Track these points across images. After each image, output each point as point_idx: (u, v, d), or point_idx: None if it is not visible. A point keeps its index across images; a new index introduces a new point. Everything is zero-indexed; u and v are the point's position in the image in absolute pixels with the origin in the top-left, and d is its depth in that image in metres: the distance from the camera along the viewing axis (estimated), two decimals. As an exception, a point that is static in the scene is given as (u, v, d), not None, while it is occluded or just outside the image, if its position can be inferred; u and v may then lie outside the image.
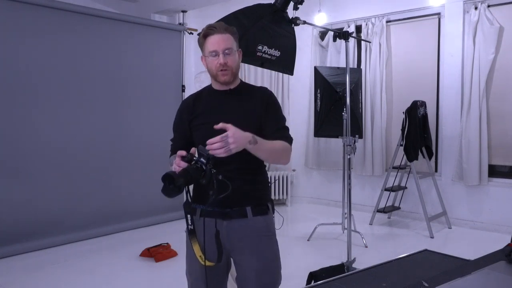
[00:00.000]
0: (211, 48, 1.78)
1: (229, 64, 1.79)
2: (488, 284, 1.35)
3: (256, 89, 1.95)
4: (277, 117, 1.89)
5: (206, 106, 1.88)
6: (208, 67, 1.84)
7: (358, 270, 1.53)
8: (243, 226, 1.82)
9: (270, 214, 1.93)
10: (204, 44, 1.81)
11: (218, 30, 1.78)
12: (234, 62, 1.82)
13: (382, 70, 5.53)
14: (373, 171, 5.61)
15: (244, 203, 1.82)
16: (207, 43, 1.80)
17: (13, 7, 4.21)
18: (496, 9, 4.76)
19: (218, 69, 1.79)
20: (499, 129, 4.84)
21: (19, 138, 4.29)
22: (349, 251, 3.48)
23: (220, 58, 1.77)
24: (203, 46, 1.82)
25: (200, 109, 1.89)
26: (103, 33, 4.90)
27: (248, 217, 1.83)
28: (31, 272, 3.78)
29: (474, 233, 4.83)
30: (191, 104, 1.92)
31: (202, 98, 1.93)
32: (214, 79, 1.85)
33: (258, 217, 1.85)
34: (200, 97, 1.94)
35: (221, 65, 1.78)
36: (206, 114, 1.86)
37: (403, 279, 1.39)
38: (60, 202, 4.54)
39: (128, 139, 5.14)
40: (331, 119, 4.47)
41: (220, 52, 1.77)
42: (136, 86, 5.21)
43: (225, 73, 1.80)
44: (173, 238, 4.54)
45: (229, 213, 1.80)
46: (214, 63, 1.79)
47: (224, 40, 1.78)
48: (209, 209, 1.80)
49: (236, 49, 1.84)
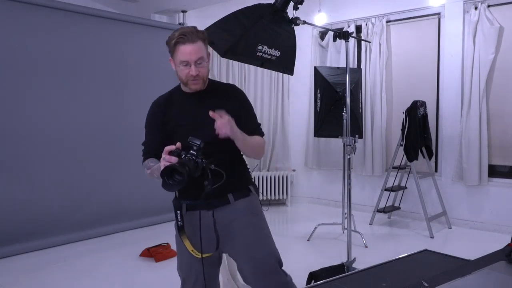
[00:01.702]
0: (182, 58, 1.77)
1: (201, 74, 1.81)
2: (488, 284, 1.35)
3: (227, 87, 2.01)
4: (252, 115, 1.99)
5: (180, 109, 1.89)
6: (178, 74, 1.84)
7: (358, 270, 1.53)
8: (227, 212, 1.87)
9: (253, 195, 1.98)
10: (175, 51, 1.79)
11: (189, 39, 1.76)
12: (206, 71, 1.85)
13: (382, 70, 5.53)
14: (373, 171, 5.61)
15: (225, 190, 1.86)
16: (178, 51, 1.78)
17: (13, 7, 4.21)
18: (496, 9, 4.76)
19: (189, 78, 1.80)
20: (499, 129, 4.84)
21: (19, 138, 4.29)
22: (349, 251, 3.48)
23: (192, 70, 1.78)
24: (173, 53, 1.80)
25: (173, 112, 1.89)
26: (103, 33, 4.90)
27: (231, 203, 1.89)
28: (31, 272, 3.78)
29: (474, 233, 4.83)
30: (163, 107, 1.91)
31: (174, 100, 1.92)
32: (184, 85, 1.87)
33: (240, 200, 1.91)
34: (171, 99, 1.93)
35: (193, 76, 1.79)
36: (181, 116, 1.87)
37: (403, 279, 1.39)
38: (60, 202, 4.54)
39: (128, 139, 5.13)
40: (331, 119, 4.47)
41: (192, 63, 1.78)
42: (136, 86, 5.20)
43: (196, 83, 1.82)
44: (173, 238, 4.51)
45: (212, 202, 1.81)
46: (185, 72, 1.80)
47: (195, 50, 1.77)
48: (193, 202, 1.84)
49: (207, 55, 1.85)
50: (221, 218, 1.85)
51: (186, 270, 1.98)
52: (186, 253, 1.89)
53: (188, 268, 1.96)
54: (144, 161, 1.90)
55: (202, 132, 1.69)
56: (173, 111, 1.89)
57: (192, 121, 1.84)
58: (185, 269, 1.99)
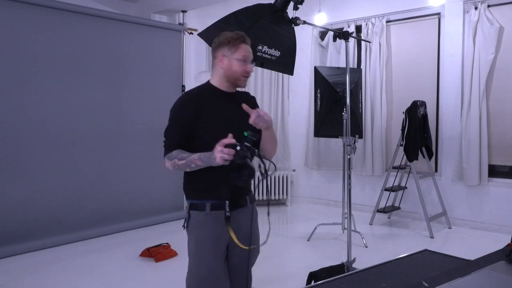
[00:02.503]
0: (244, 53, 1.94)
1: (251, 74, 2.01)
2: (488, 284, 1.35)
3: (244, 94, 2.15)
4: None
5: (213, 105, 1.95)
6: (232, 69, 1.95)
7: (358, 270, 1.53)
8: (244, 213, 1.99)
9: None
10: (238, 48, 1.93)
11: (247, 41, 1.97)
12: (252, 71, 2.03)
13: (382, 70, 5.53)
14: (373, 171, 5.61)
15: (244, 193, 2.00)
16: (241, 48, 1.94)
17: (13, 7, 4.21)
18: (496, 9, 4.77)
19: (243, 74, 1.96)
20: (499, 129, 4.84)
21: (19, 139, 4.29)
22: (349, 251, 3.48)
23: (250, 67, 1.96)
24: (235, 50, 1.93)
25: (206, 107, 1.93)
26: (103, 33, 4.90)
27: (247, 206, 2.02)
28: (31, 272, 3.78)
29: (474, 233, 4.83)
30: (197, 101, 1.94)
31: (206, 96, 1.97)
32: (232, 81, 1.97)
33: (254, 204, 2.07)
34: (203, 94, 1.97)
35: (248, 73, 1.96)
36: (214, 112, 1.93)
37: (403, 279, 1.39)
38: (60, 202, 4.54)
39: (128, 140, 5.14)
40: (331, 119, 4.47)
41: (249, 61, 1.96)
42: (136, 86, 5.21)
43: (246, 80, 2.00)
44: (173, 238, 4.54)
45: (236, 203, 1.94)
46: (242, 68, 1.94)
47: (251, 52, 1.99)
48: (218, 202, 1.90)
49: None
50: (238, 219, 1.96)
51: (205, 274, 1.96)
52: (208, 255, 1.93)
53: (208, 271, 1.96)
54: (170, 153, 1.90)
55: (232, 131, 1.78)
56: (207, 106, 1.93)
57: (223, 118, 1.94)
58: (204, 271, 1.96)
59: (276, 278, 3.49)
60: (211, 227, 1.92)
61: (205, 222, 1.93)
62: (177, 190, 5.57)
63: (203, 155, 1.79)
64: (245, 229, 1.97)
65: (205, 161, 1.78)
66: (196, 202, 1.95)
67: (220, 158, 1.68)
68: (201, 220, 1.93)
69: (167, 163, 1.91)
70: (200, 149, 1.83)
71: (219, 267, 1.95)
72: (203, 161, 1.78)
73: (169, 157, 1.89)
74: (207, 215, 1.91)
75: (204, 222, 1.93)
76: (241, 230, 1.95)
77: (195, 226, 1.95)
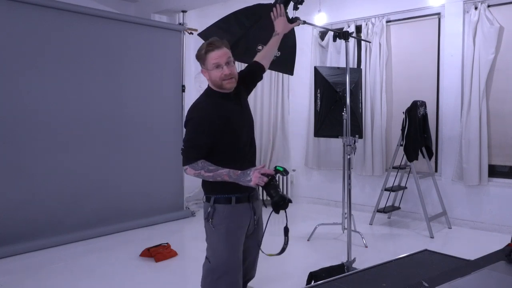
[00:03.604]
0: (213, 61, 2.04)
1: (233, 73, 2.08)
2: (488, 284, 1.35)
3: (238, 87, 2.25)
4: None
5: (229, 110, 2.11)
6: (212, 79, 2.09)
7: (358, 270, 1.53)
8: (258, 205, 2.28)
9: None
10: (206, 59, 2.07)
11: (216, 46, 2.06)
12: (235, 70, 2.11)
13: (382, 70, 5.53)
14: (373, 171, 5.61)
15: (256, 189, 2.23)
16: (209, 58, 2.06)
17: (13, 7, 4.21)
18: (496, 9, 4.76)
19: (223, 78, 2.05)
20: (499, 129, 4.84)
21: (19, 139, 4.29)
22: (349, 251, 3.48)
23: (225, 69, 2.04)
24: (205, 61, 2.08)
25: (226, 112, 2.09)
26: (103, 33, 4.90)
27: (259, 199, 2.31)
28: (31, 272, 3.78)
29: (474, 233, 4.83)
30: (217, 107, 2.08)
31: (219, 102, 2.10)
32: (219, 88, 2.10)
33: (260, 199, 2.34)
34: (213, 102, 2.10)
35: (226, 75, 2.05)
36: (233, 117, 2.11)
37: (403, 279, 1.39)
38: (60, 202, 4.54)
39: (128, 140, 5.14)
40: (331, 119, 4.47)
41: (223, 64, 2.05)
42: (136, 86, 5.21)
43: (230, 81, 2.08)
44: (173, 238, 4.55)
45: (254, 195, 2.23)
46: (218, 74, 2.05)
47: (223, 53, 2.06)
48: (241, 195, 2.13)
49: (233, 60, 2.12)
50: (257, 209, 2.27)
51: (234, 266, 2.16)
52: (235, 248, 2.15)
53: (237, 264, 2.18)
54: (195, 162, 2.04)
55: (245, 130, 2.15)
56: (224, 111, 2.09)
57: (238, 118, 2.14)
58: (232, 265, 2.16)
59: (276, 278, 3.49)
60: (238, 218, 2.14)
61: (232, 214, 2.12)
62: (177, 190, 5.64)
63: (232, 172, 1.99)
64: (259, 217, 2.29)
65: (234, 178, 1.99)
66: (221, 196, 2.11)
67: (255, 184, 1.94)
68: (229, 212, 2.11)
69: (190, 171, 2.05)
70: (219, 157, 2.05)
71: (241, 254, 2.19)
72: (232, 178, 1.99)
73: (194, 167, 2.04)
74: (234, 207, 2.11)
75: (231, 214, 2.12)
76: (258, 218, 2.28)
77: (224, 218, 2.11)
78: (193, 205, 6.06)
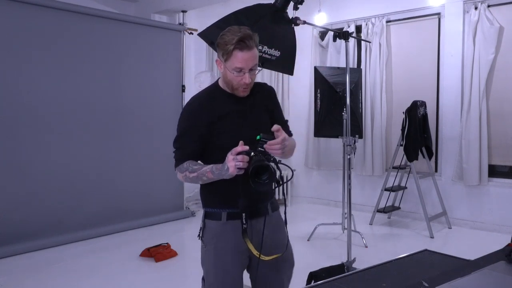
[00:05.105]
0: (237, 65, 1.69)
1: (251, 83, 1.77)
2: (488, 284, 1.35)
3: (260, 86, 1.93)
4: (281, 113, 1.99)
5: (224, 109, 1.80)
6: (227, 78, 1.76)
7: (358, 270, 1.53)
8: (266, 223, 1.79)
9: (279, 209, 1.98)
10: (230, 56, 1.69)
11: (247, 45, 1.68)
12: (255, 76, 1.78)
13: (382, 70, 5.53)
14: (373, 171, 5.61)
15: (264, 200, 1.86)
16: (234, 57, 1.69)
17: (13, 7, 4.21)
18: (496, 9, 4.76)
19: (241, 86, 1.74)
20: (499, 129, 4.84)
21: (19, 139, 4.29)
22: (349, 251, 3.48)
23: (246, 78, 1.72)
24: (228, 57, 1.70)
25: (220, 111, 1.79)
26: (103, 33, 4.90)
27: (269, 214, 1.86)
28: (31, 272, 3.78)
29: (474, 233, 4.83)
30: (209, 106, 1.80)
31: (216, 100, 1.82)
32: (230, 89, 1.79)
33: (276, 212, 1.94)
34: (213, 98, 1.83)
35: (245, 84, 1.73)
36: (226, 116, 1.79)
37: (403, 279, 1.39)
38: (60, 202, 4.54)
39: (128, 140, 5.14)
40: (331, 119, 4.46)
41: (246, 71, 1.71)
42: (136, 86, 5.21)
43: (246, 90, 1.78)
44: (173, 238, 4.55)
45: (255, 211, 1.80)
46: (237, 79, 1.73)
47: (252, 57, 1.70)
48: (236, 210, 1.76)
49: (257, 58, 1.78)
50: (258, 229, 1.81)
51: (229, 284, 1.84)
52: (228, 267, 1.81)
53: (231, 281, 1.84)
54: (181, 164, 1.78)
55: (246, 132, 1.70)
56: (218, 110, 1.79)
57: (236, 120, 1.79)
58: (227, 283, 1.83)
59: (276, 278, 3.49)
60: (229, 236, 1.78)
61: (222, 232, 1.80)
62: (177, 190, 5.64)
63: (214, 167, 1.67)
64: (270, 238, 1.81)
65: (217, 174, 1.66)
66: (211, 210, 1.82)
67: (234, 167, 1.56)
68: (218, 230, 1.80)
69: (179, 175, 1.80)
70: (214, 159, 1.72)
71: (239, 277, 1.83)
72: (215, 174, 1.67)
73: (180, 169, 1.78)
74: (224, 224, 1.79)
75: (221, 232, 1.80)
76: (265, 240, 1.78)
77: (212, 236, 1.81)
78: (193, 205, 6.06)
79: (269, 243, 1.80)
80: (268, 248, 1.78)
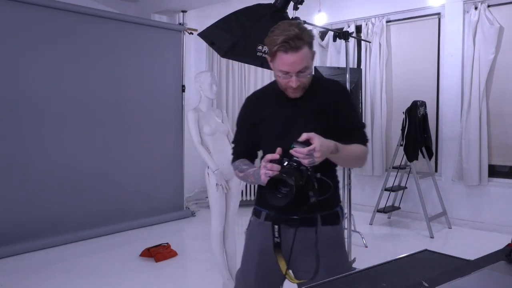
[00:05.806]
0: (282, 68, 1.56)
1: (301, 85, 1.61)
2: (488, 284, 1.35)
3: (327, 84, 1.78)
4: (351, 117, 1.72)
5: (274, 110, 1.70)
6: (276, 79, 1.65)
7: (358, 270, 1.53)
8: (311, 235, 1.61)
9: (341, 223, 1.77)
10: (275, 58, 1.56)
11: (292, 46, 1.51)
12: (308, 79, 1.62)
13: (382, 70, 5.53)
14: (373, 171, 5.61)
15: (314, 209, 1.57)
16: (279, 59, 1.55)
17: (13, 7, 4.21)
18: (496, 9, 4.76)
19: (288, 88, 1.61)
20: (499, 129, 4.84)
21: (19, 139, 4.29)
22: (349, 251, 3.48)
23: (293, 81, 1.56)
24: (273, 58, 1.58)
25: (266, 112, 1.71)
26: (103, 33, 4.90)
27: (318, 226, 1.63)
28: (31, 272, 3.78)
29: (474, 233, 4.83)
30: (256, 105, 1.76)
31: (268, 98, 1.74)
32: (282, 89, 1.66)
33: (328, 227, 1.69)
34: (265, 97, 1.76)
35: (292, 88, 1.59)
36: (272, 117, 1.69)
37: (403, 279, 1.38)
38: (60, 202, 4.54)
39: (128, 140, 5.14)
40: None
41: (293, 74, 1.56)
42: (136, 86, 5.21)
43: (295, 92, 1.62)
44: (173, 238, 4.55)
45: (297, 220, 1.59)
46: (284, 81, 1.60)
47: (299, 60, 1.53)
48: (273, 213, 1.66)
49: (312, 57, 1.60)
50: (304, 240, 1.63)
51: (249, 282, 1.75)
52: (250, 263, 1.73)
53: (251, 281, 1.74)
54: (235, 162, 1.76)
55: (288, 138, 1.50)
56: (265, 110, 1.70)
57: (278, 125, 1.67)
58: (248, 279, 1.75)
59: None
60: (261, 237, 1.69)
61: (257, 230, 1.73)
62: (177, 190, 5.64)
63: (256, 171, 1.60)
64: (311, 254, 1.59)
65: (256, 178, 1.58)
66: (255, 207, 1.77)
67: (264, 175, 1.46)
68: (254, 228, 1.74)
69: (234, 172, 1.77)
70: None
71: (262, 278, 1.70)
72: (255, 178, 1.60)
73: (233, 167, 1.77)
74: (261, 224, 1.71)
75: (256, 231, 1.74)
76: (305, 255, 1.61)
77: (249, 232, 1.78)
78: (193, 205, 6.06)
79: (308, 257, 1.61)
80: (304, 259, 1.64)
